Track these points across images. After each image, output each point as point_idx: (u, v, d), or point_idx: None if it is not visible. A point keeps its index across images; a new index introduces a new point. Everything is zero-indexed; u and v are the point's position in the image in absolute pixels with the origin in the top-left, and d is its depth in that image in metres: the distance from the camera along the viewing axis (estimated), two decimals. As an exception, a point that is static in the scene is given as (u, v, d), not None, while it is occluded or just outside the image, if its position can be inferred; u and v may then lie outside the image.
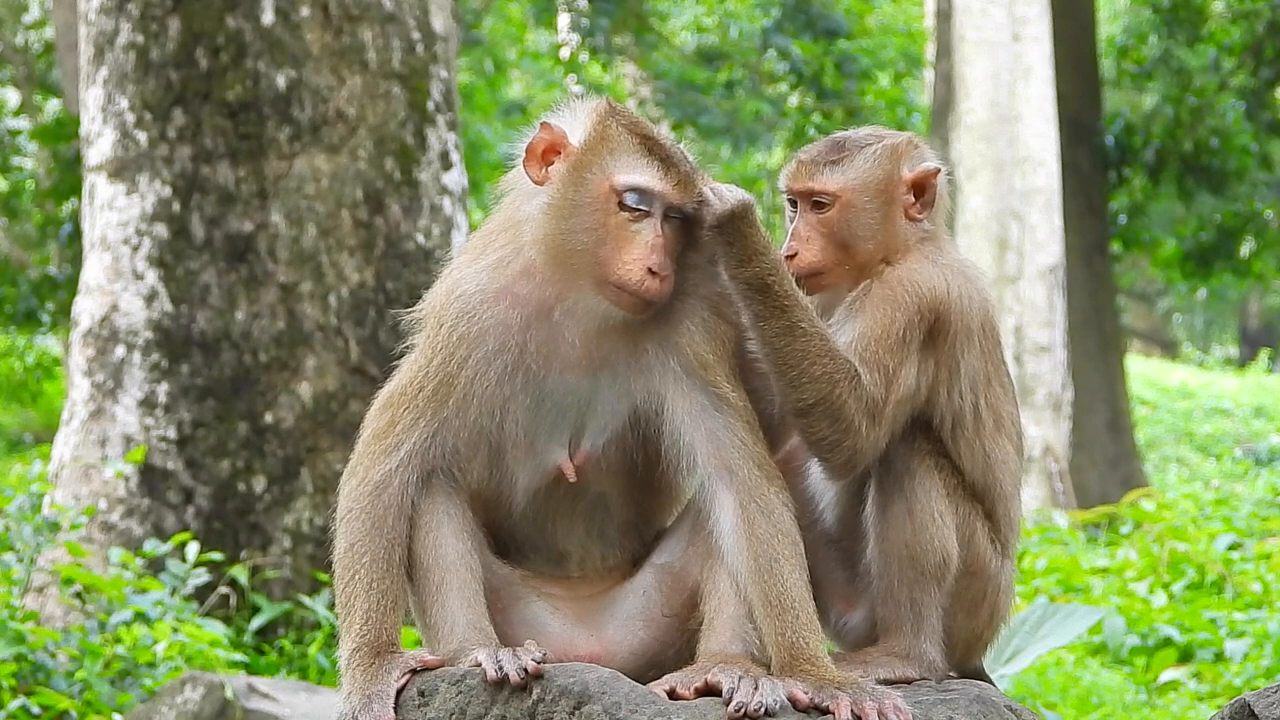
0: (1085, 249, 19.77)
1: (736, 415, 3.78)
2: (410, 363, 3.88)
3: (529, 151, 3.78)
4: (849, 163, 3.96)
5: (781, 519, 3.74)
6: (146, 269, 8.49)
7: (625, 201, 3.68)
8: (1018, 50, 16.46)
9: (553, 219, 3.72)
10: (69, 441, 8.53)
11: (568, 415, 3.82)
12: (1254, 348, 38.90)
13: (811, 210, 3.96)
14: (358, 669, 3.71)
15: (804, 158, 4.00)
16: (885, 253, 3.92)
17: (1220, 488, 20.24)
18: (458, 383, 3.78)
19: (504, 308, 3.78)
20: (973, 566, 3.94)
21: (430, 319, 3.86)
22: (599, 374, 3.79)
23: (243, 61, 8.51)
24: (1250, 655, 9.37)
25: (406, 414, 3.81)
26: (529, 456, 3.84)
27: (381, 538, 3.77)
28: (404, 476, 3.79)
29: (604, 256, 3.68)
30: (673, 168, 3.71)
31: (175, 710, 6.62)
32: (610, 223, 3.69)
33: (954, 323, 3.89)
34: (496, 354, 3.78)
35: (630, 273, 3.67)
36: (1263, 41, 21.83)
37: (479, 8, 24.69)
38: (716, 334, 3.81)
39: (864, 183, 3.95)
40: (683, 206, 3.71)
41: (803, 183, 3.97)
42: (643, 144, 3.72)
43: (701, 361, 3.78)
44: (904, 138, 4.02)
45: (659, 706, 3.54)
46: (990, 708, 3.71)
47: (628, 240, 3.68)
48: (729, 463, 3.76)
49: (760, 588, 3.70)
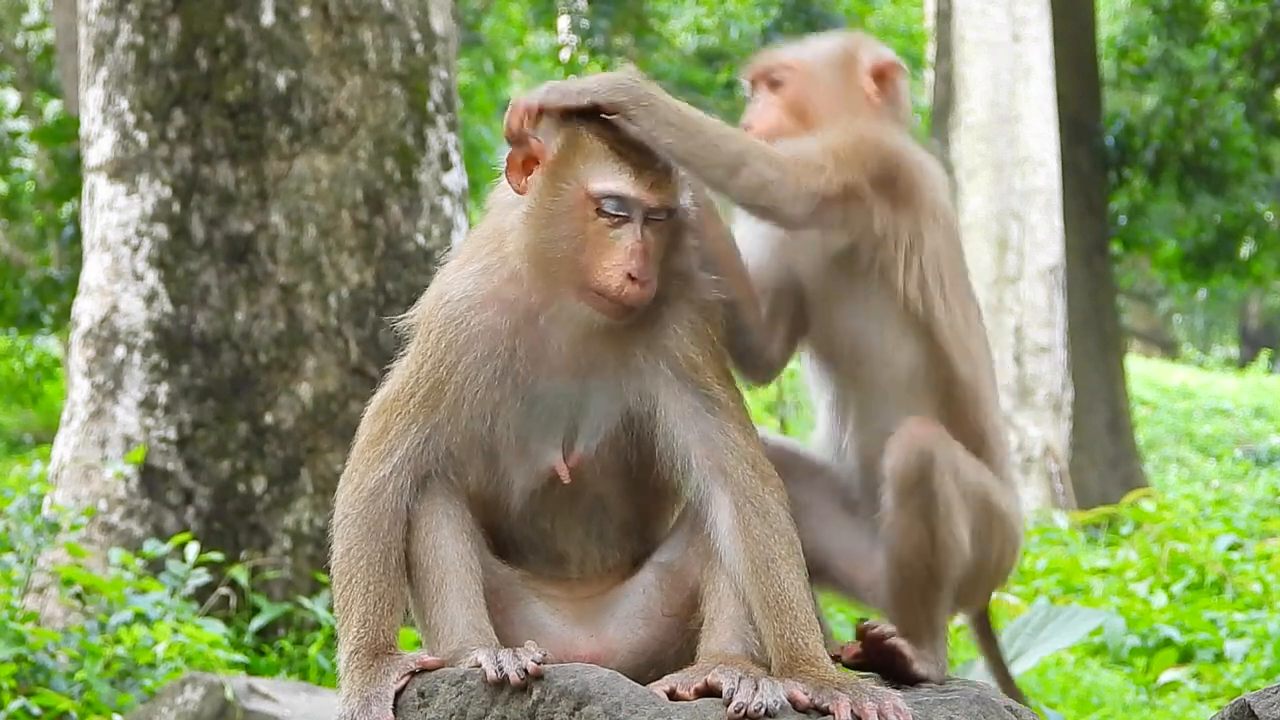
0: (1085, 249, 19.77)
1: (729, 416, 3.78)
2: (401, 369, 3.90)
3: (509, 162, 3.79)
4: (808, 45, 3.97)
5: (777, 519, 3.74)
6: (146, 270, 8.49)
7: (603, 208, 3.68)
8: (1018, 50, 16.46)
9: (533, 228, 3.73)
10: (69, 442, 8.53)
11: (560, 418, 3.82)
12: (1254, 348, 38.90)
13: (770, 90, 3.94)
14: (356, 671, 3.71)
15: (753, 58, 4.02)
16: (846, 119, 3.88)
17: (1220, 488, 20.25)
18: (448, 388, 3.79)
19: (491, 313, 3.79)
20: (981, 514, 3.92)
21: (420, 325, 3.88)
22: (589, 378, 3.80)
23: (243, 62, 8.51)
24: (1250, 656, 9.37)
25: (399, 420, 3.82)
26: (523, 459, 3.84)
27: (377, 542, 3.78)
28: (398, 482, 3.80)
29: (584, 263, 3.68)
30: (646, 171, 3.70)
31: (175, 711, 6.62)
32: (589, 230, 3.69)
33: (917, 182, 3.85)
34: (485, 359, 3.78)
35: (610, 279, 3.66)
36: (1263, 43, 21.82)
37: (479, 8, 24.69)
38: (704, 336, 3.81)
39: (823, 59, 3.94)
40: (662, 209, 3.71)
41: (761, 65, 3.97)
42: (614, 149, 3.71)
43: (691, 364, 3.78)
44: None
45: (659, 707, 3.54)
46: (990, 708, 3.71)
47: (607, 246, 3.68)
48: (723, 464, 3.76)
49: (758, 589, 3.70)
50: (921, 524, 3.82)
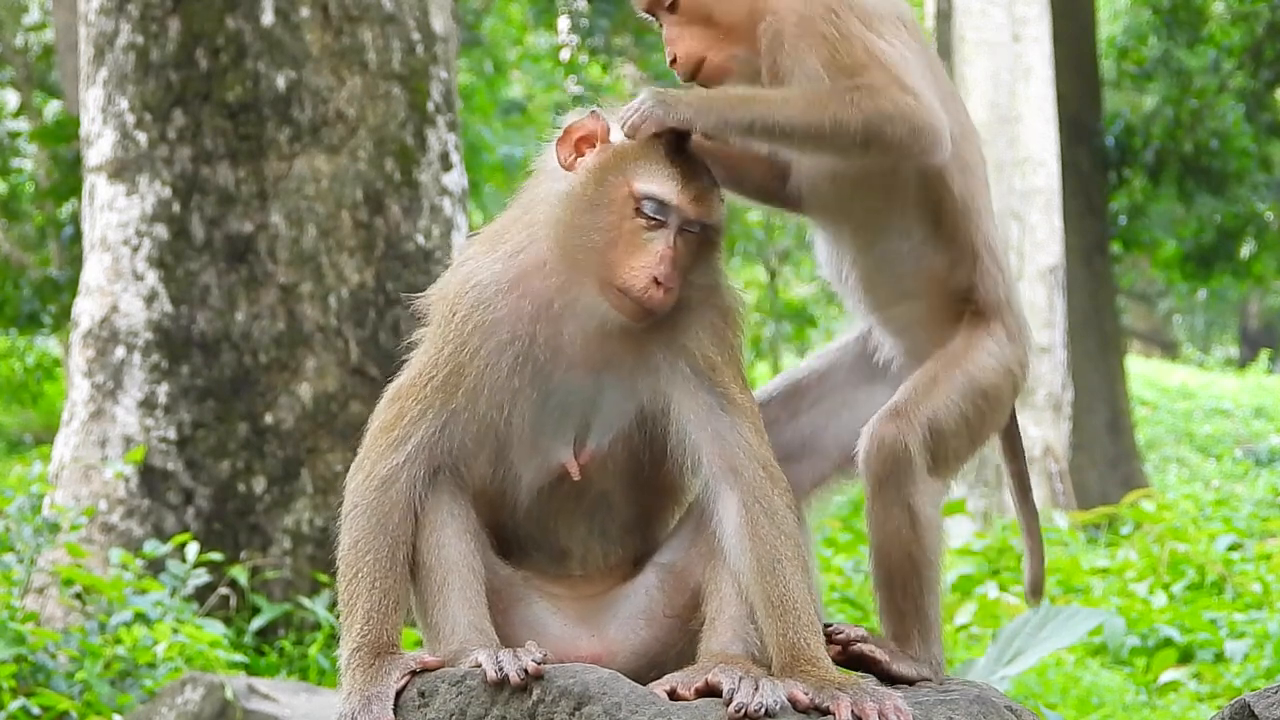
0: (1085, 249, 19.77)
1: (743, 416, 3.78)
2: (419, 355, 3.87)
3: (566, 132, 3.77)
4: None
5: (784, 520, 3.74)
6: (146, 270, 8.49)
7: (642, 209, 3.69)
8: (1018, 50, 16.46)
9: (570, 209, 3.73)
10: (69, 442, 8.53)
11: (573, 413, 3.82)
12: (1254, 348, 38.91)
13: (668, 13, 3.89)
14: (357, 670, 3.71)
15: None
16: (752, 7, 3.83)
17: (1220, 488, 20.26)
18: (469, 372, 3.77)
19: (516, 297, 3.77)
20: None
21: (442, 310, 3.84)
22: (603, 373, 3.79)
23: (243, 62, 8.51)
24: (1250, 656, 9.37)
25: (415, 405, 3.79)
26: (534, 453, 3.83)
27: (386, 535, 3.76)
28: (411, 471, 3.78)
29: (612, 259, 3.68)
30: (693, 182, 3.72)
31: (175, 711, 6.62)
32: (625, 227, 3.69)
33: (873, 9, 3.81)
34: (509, 344, 3.77)
35: (636, 279, 3.67)
36: (1262, 43, 21.83)
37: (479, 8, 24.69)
38: (725, 339, 3.81)
39: None
40: (698, 221, 3.72)
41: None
42: (669, 154, 3.73)
43: (710, 363, 3.78)
44: None
45: (659, 707, 3.54)
46: (990, 708, 3.71)
47: (639, 247, 3.68)
48: (734, 463, 3.76)
49: (762, 588, 3.70)
50: (898, 510, 3.82)
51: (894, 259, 3.93)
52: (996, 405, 3.94)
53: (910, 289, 3.95)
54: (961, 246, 3.93)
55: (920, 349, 3.96)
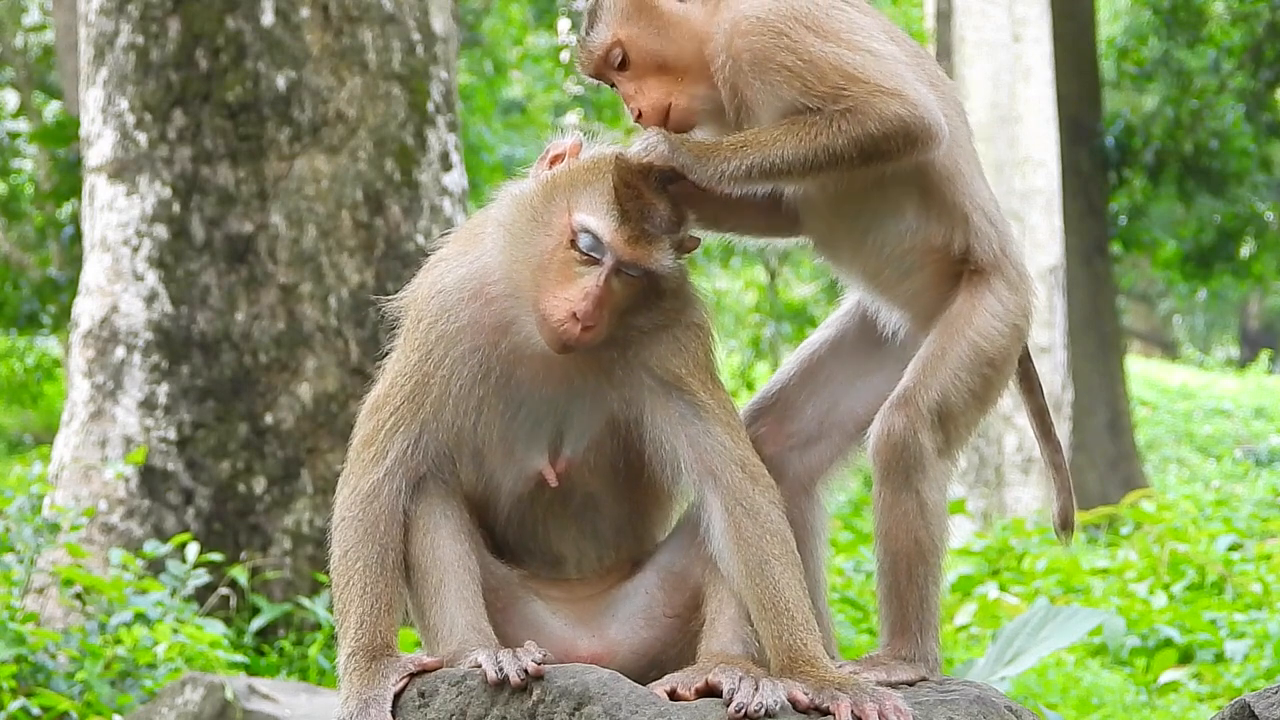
0: (1085, 250, 19.77)
1: (715, 419, 3.75)
2: (392, 363, 3.87)
3: (544, 153, 3.77)
4: (597, 18, 3.90)
5: (769, 519, 3.72)
6: (146, 270, 8.49)
7: (577, 241, 3.61)
8: (1018, 51, 16.46)
9: (517, 221, 3.70)
10: (69, 443, 8.53)
11: (544, 423, 3.79)
12: (1254, 349, 38.90)
13: (617, 72, 3.88)
14: (355, 673, 3.71)
15: (576, 54, 3.96)
16: (695, 39, 3.82)
17: (1220, 488, 20.24)
18: (434, 382, 3.76)
19: (479, 305, 3.75)
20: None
21: (412, 315, 3.83)
22: (572, 382, 3.76)
23: (243, 62, 8.51)
24: (1250, 656, 9.36)
25: (390, 418, 3.79)
26: (509, 463, 3.82)
27: (374, 544, 3.76)
28: (392, 485, 3.78)
29: (542, 282, 3.62)
30: (635, 225, 3.61)
31: (175, 711, 6.62)
32: (559, 255, 3.62)
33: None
34: (471, 353, 3.75)
35: (556, 309, 3.60)
36: (1263, 43, 21.83)
37: (479, 8, 24.69)
38: (689, 351, 3.77)
39: (618, 14, 3.86)
40: (635, 266, 3.62)
41: (586, 64, 3.92)
42: (620, 190, 3.62)
43: (673, 376, 3.75)
44: None
45: (659, 707, 3.54)
46: (990, 708, 3.71)
47: (569, 279, 3.61)
48: (711, 467, 3.74)
49: (753, 590, 3.69)
50: (907, 496, 3.82)
51: (890, 241, 3.92)
52: (1004, 366, 3.97)
53: (910, 265, 3.95)
54: (951, 212, 3.92)
55: (924, 315, 3.97)
